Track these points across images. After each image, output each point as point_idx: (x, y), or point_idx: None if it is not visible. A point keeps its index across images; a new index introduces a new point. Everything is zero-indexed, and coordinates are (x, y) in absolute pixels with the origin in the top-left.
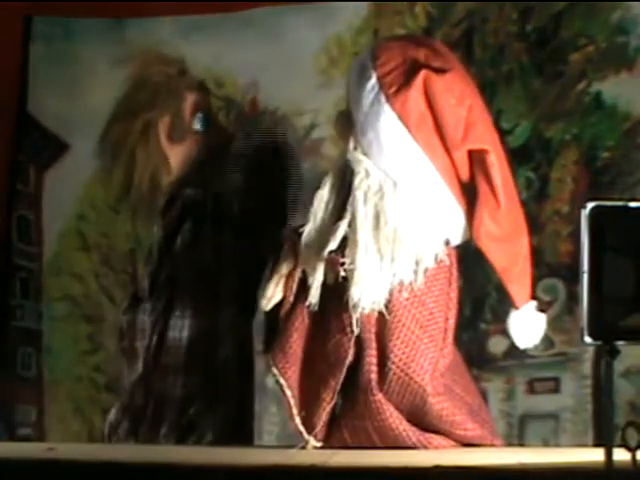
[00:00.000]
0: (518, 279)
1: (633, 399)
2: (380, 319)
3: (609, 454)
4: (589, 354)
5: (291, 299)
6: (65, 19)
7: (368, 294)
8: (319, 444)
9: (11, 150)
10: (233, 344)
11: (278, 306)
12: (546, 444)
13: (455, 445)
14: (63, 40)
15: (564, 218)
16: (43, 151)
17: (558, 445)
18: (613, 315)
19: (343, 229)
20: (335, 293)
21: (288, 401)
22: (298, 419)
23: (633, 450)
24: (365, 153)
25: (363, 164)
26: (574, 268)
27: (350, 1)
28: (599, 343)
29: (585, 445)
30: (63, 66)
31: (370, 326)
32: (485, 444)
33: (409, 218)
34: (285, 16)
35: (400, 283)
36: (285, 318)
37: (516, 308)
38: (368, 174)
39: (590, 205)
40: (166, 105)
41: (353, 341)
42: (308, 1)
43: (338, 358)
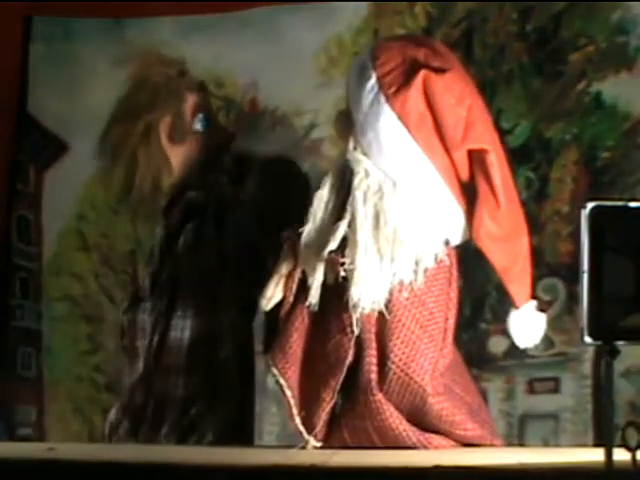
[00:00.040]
0: (518, 279)
1: (633, 399)
2: (380, 319)
3: (609, 454)
4: (589, 354)
5: (291, 299)
6: (65, 19)
7: (368, 294)
8: (319, 444)
9: (11, 150)
10: (234, 345)
11: (278, 306)
12: (546, 444)
13: (455, 445)
14: (63, 40)
15: (564, 218)
16: (43, 151)
17: (558, 445)
18: (613, 315)
19: (343, 229)
20: (335, 293)
21: (288, 401)
22: (298, 419)
23: (633, 450)
24: (365, 153)
25: (363, 164)
26: (574, 268)
27: (350, 1)
28: (599, 343)
29: (585, 445)
30: (63, 66)
31: (370, 326)
32: (485, 444)
33: (409, 218)
34: (285, 16)
35: (400, 283)
36: (285, 318)
37: (516, 308)
38: (368, 174)
39: (590, 205)
40: (167, 106)
41: (353, 341)
42: (308, 1)
43: (338, 358)
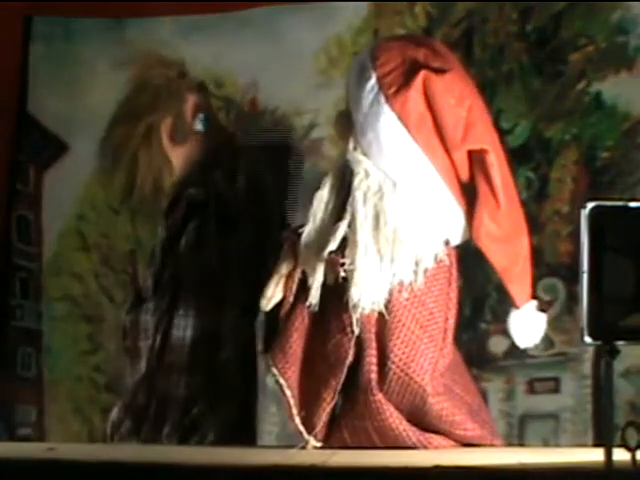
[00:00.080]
0: (518, 279)
1: (633, 399)
2: (380, 319)
3: (609, 454)
4: (589, 354)
5: (291, 299)
6: (65, 19)
7: (368, 294)
8: (319, 444)
9: (11, 150)
10: (236, 344)
11: (278, 306)
12: (546, 444)
13: (455, 445)
14: (63, 40)
15: (564, 218)
16: (43, 151)
17: (558, 445)
18: (613, 315)
19: (343, 229)
20: (335, 293)
21: (288, 401)
22: (298, 419)
23: (633, 450)
24: (365, 153)
25: (363, 164)
26: (574, 268)
27: (350, 1)
28: (599, 343)
29: (585, 445)
30: (63, 66)
31: (370, 326)
32: (485, 444)
33: (409, 218)
34: (285, 16)
35: (400, 283)
36: (285, 318)
37: (516, 308)
38: (368, 174)
39: (590, 205)
40: (168, 107)
41: (353, 341)
42: (308, 1)
43: (338, 358)
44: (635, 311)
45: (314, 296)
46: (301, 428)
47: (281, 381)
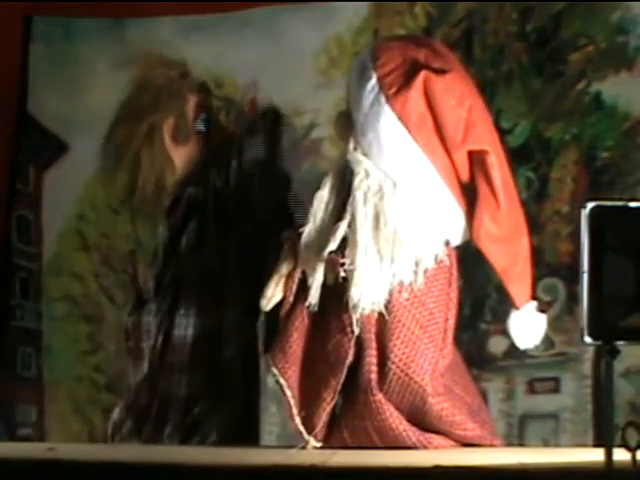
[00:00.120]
0: (518, 280)
1: (633, 399)
2: (380, 319)
3: (609, 454)
4: (589, 354)
5: (291, 299)
6: (65, 19)
7: (368, 294)
8: (319, 444)
9: (11, 150)
10: (238, 344)
11: (278, 306)
12: (546, 444)
13: (455, 445)
14: (63, 40)
15: (564, 218)
16: (43, 151)
17: (558, 445)
18: (613, 315)
19: (343, 230)
20: (335, 293)
21: (288, 401)
22: (298, 419)
23: (633, 450)
24: (365, 154)
25: (363, 165)
26: (574, 268)
27: (350, 1)
28: (599, 343)
29: (585, 445)
30: (63, 66)
31: (370, 326)
32: (485, 444)
33: (409, 219)
34: (285, 16)
35: (400, 283)
36: (285, 318)
37: (516, 309)
38: (368, 175)
39: (590, 205)
40: (170, 107)
41: (353, 341)
42: (308, 1)
43: (338, 358)
44: (635, 311)
45: (314, 296)
46: (301, 428)
47: (281, 381)
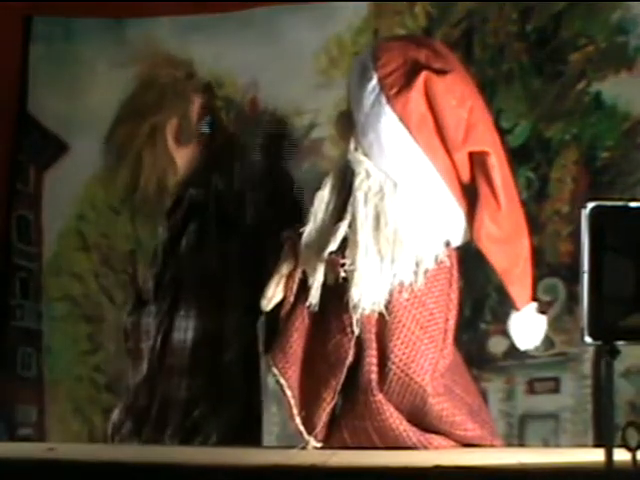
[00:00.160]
0: (519, 280)
1: (633, 399)
2: (380, 320)
3: (609, 454)
4: (589, 354)
5: (291, 299)
6: (65, 19)
7: (368, 295)
8: (319, 444)
9: (11, 150)
10: (238, 346)
11: (278, 306)
12: (546, 444)
13: (455, 445)
14: (63, 40)
15: (564, 218)
16: (43, 151)
17: (558, 445)
18: (613, 315)
19: (343, 230)
20: (335, 294)
21: (288, 401)
22: (298, 419)
23: (633, 450)
24: (366, 154)
25: (364, 165)
26: (574, 268)
27: (350, 1)
28: (599, 343)
29: (585, 445)
30: (63, 66)
31: (370, 327)
32: (485, 444)
33: (409, 219)
34: (285, 16)
35: (400, 284)
36: (285, 318)
37: (517, 310)
38: (369, 175)
39: (590, 205)
40: (173, 108)
41: (353, 341)
42: (308, 1)
43: (338, 358)
44: (635, 311)
45: (314, 296)
46: (301, 428)
47: (282, 381)
